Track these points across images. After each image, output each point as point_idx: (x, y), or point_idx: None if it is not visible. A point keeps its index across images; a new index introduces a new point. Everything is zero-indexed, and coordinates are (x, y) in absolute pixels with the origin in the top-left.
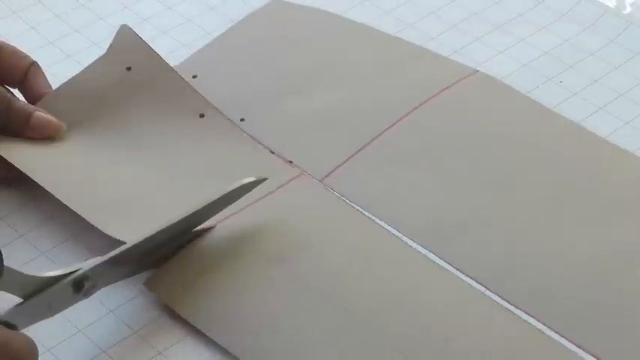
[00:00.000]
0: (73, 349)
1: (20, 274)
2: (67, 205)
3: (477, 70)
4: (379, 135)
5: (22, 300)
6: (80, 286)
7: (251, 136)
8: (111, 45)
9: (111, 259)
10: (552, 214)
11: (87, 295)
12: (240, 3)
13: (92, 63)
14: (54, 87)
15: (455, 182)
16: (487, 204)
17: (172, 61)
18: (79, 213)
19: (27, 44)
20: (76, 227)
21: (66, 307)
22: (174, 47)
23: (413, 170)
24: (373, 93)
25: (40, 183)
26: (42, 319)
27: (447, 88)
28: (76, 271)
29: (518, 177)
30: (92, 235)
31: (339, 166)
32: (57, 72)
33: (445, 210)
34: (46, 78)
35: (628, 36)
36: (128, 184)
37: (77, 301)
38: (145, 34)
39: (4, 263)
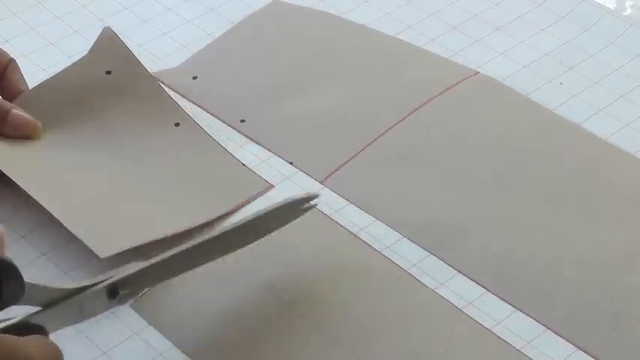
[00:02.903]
0: (73, 351)
1: (45, 288)
2: (44, 206)
3: (478, 72)
4: (380, 136)
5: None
6: (115, 293)
7: (251, 138)
8: (92, 47)
9: (149, 266)
10: (552, 216)
11: (122, 302)
12: (240, 4)
13: (72, 64)
14: None
15: (456, 183)
16: (487, 205)
17: (172, 62)
18: (57, 217)
19: (27, 45)
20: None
21: (100, 313)
22: (174, 48)
23: (414, 171)
24: (374, 94)
25: (15, 180)
26: (72, 323)
27: (448, 89)
28: (110, 278)
29: (519, 178)
30: None
31: (339, 167)
32: None
33: (446, 211)
34: (23, 76)
35: (628, 38)
36: (102, 188)
37: (112, 307)
38: (145, 35)
39: (24, 279)
